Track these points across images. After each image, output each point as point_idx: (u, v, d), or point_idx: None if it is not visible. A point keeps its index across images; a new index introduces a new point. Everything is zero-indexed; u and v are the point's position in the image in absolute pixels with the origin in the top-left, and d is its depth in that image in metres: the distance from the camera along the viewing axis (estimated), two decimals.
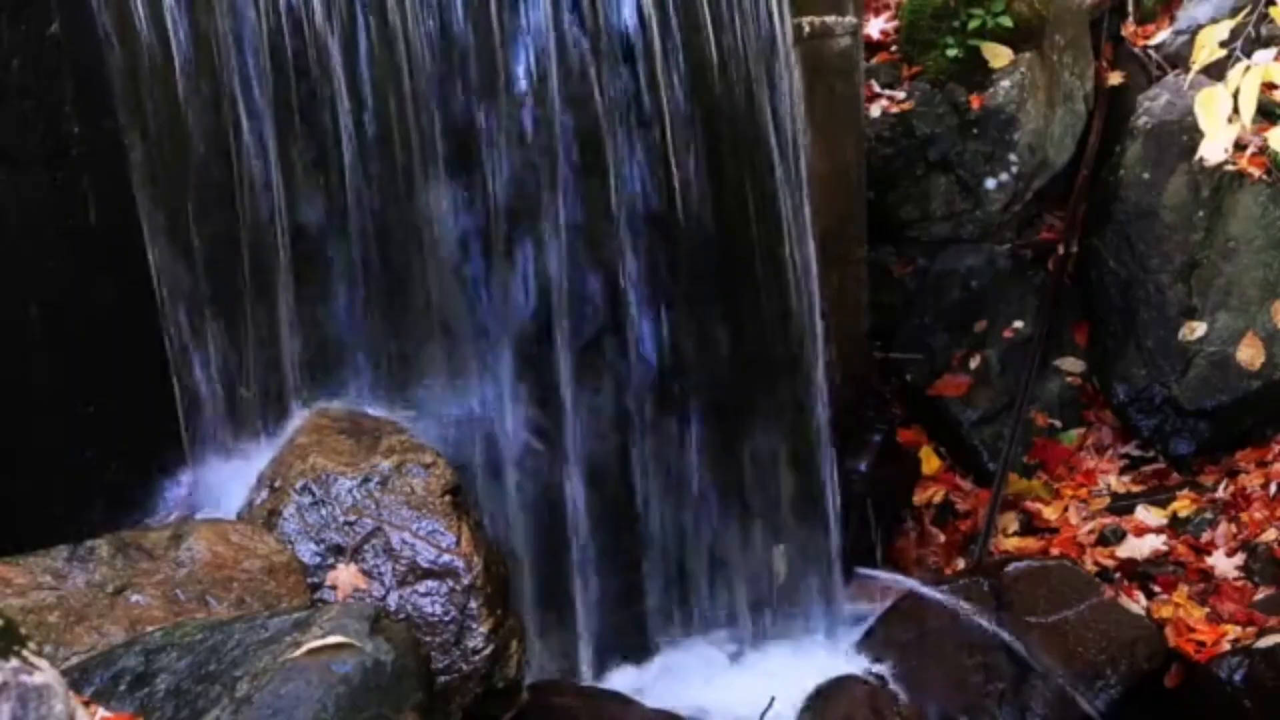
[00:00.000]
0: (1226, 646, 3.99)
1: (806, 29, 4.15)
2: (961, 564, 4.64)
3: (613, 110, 3.63)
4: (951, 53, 5.04)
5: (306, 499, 3.06)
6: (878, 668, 3.92)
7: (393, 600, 2.95)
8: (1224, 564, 4.40)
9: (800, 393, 4.11)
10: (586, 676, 3.81)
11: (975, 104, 5.02)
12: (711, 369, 3.92)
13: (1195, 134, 3.17)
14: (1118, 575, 4.43)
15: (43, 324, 3.08)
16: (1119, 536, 4.58)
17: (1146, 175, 4.99)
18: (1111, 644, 3.93)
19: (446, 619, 2.95)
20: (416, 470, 3.09)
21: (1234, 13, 4.27)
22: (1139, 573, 4.44)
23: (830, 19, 4.28)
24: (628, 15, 3.59)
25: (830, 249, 4.28)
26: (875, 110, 5.03)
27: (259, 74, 3.22)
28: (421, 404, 3.49)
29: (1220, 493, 4.68)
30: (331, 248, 3.40)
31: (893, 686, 3.85)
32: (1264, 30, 4.14)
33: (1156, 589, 4.37)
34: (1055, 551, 4.54)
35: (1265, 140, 3.52)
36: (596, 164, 3.64)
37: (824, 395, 4.12)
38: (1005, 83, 5.05)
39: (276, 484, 3.10)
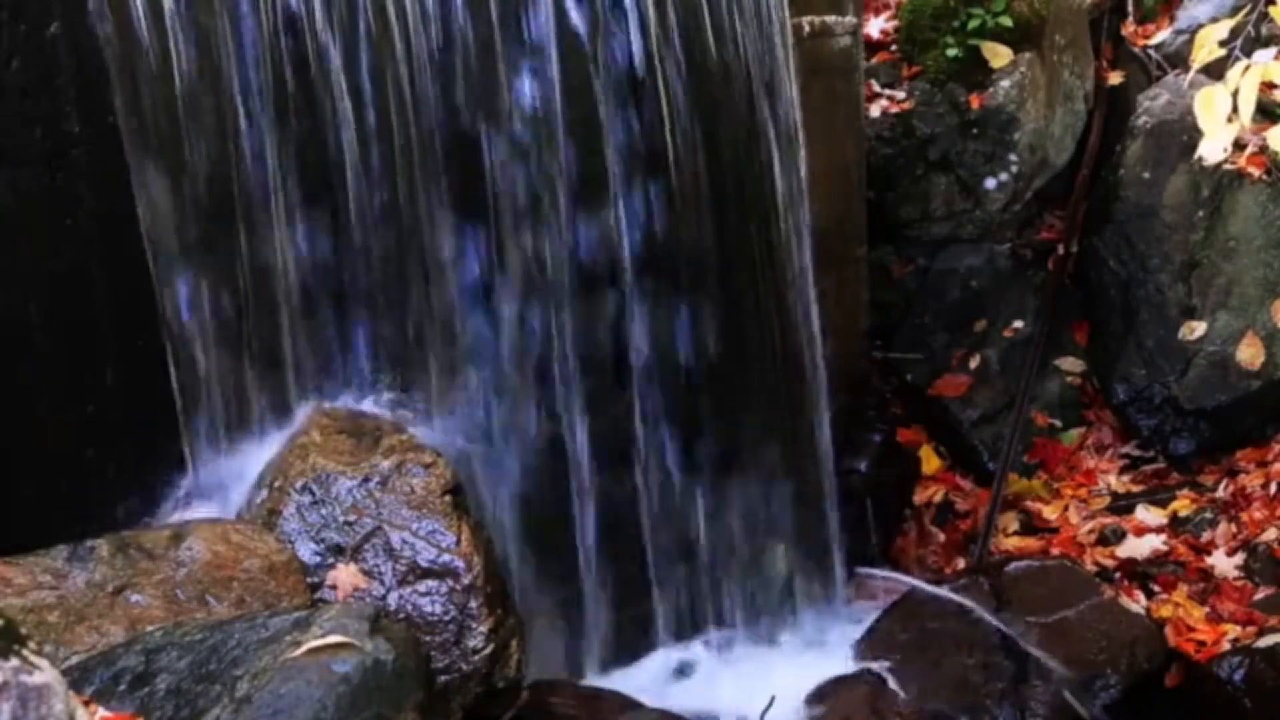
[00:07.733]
0: (1226, 646, 3.98)
1: (806, 29, 4.15)
2: (961, 563, 4.64)
3: (611, 108, 3.63)
4: (951, 52, 5.04)
5: (306, 499, 3.06)
6: (878, 667, 3.91)
7: (393, 600, 2.95)
8: (1224, 564, 4.39)
9: (799, 392, 4.11)
10: (589, 676, 3.82)
11: (975, 104, 5.02)
12: (711, 370, 3.92)
13: (1195, 133, 3.15)
14: (1118, 575, 4.43)
15: (42, 324, 3.08)
16: (1119, 536, 4.58)
17: (1146, 175, 4.99)
18: (1111, 644, 3.93)
19: (446, 618, 2.95)
20: (416, 470, 3.09)
21: (1234, 12, 4.27)
22: (1139, 572, 4.43)
23: (830, 19, 4.28)
24: (627, 15, 3.59)
25: (829, 248, 4.28)
26: (875, 110, 5.03)
27: (258, 73, 3.22)
28: (423, 412, 3.49)
29: (1220, 492, 4.67)
30: (331, 246, 3.39)
31: (893, 686, 3.84)
32: (1264, 30, 4.14)
33: (1156, 589, 4.37)
34: (1055, 551, 4.53)
35: (1264, 140, 3.52)
36: (595, 164, 3.64)
37: (824, 395, 4.12)
38: (1005, 82, 5.04)
39: (276, 484, 3.10)
